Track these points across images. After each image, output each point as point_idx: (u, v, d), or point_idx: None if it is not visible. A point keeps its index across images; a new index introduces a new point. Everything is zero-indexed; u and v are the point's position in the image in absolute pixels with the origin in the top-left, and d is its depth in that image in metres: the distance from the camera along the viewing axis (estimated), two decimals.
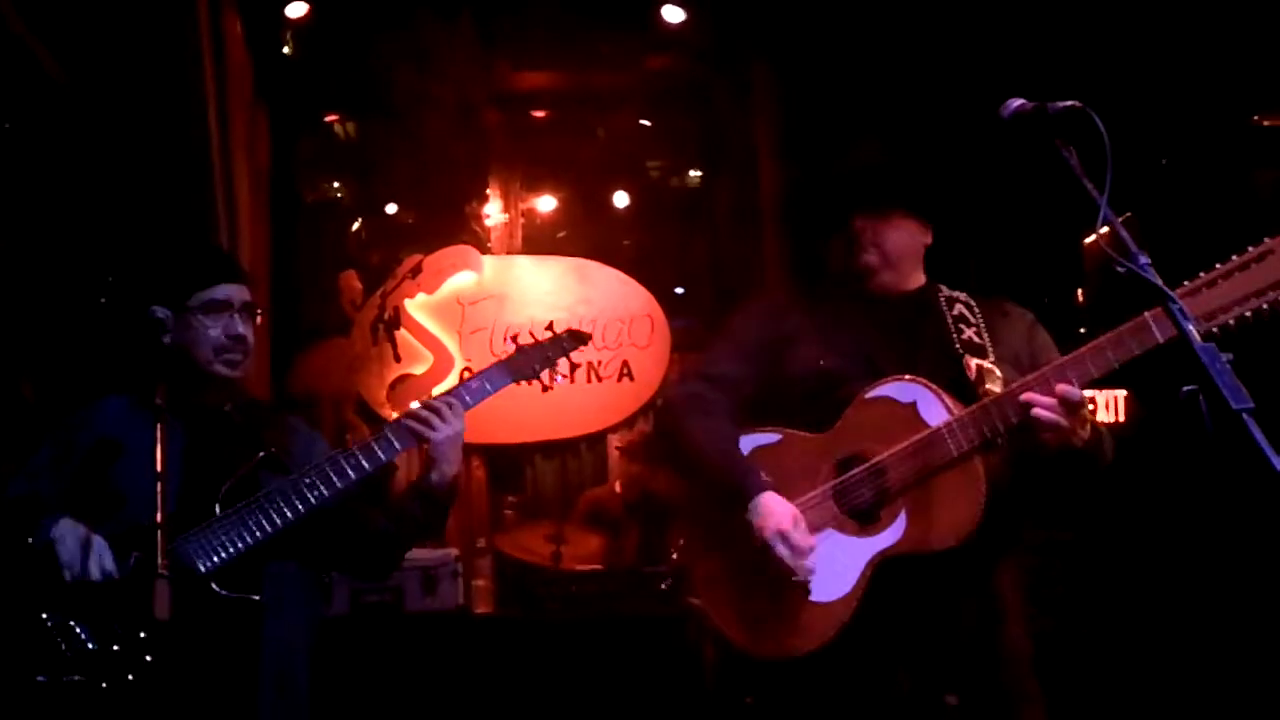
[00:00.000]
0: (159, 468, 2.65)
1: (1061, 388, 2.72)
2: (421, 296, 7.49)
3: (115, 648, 2.68)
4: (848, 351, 3.10)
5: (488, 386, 3.22)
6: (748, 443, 3.11)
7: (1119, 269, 2.44)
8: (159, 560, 2.51)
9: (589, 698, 5.22)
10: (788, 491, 2.97)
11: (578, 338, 3.35)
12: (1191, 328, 2.15)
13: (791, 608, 2.92)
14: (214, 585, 2.79)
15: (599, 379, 7.56)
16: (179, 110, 5.55)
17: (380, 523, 3.15)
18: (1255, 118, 6.40)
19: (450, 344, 7.46)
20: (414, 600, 5.46)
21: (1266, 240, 2.60)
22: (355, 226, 8.06)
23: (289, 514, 2.89)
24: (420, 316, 7.48)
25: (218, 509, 2.86)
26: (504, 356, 3.31)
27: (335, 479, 2.94)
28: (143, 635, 2.69)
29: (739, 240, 7.79)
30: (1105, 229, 2.37)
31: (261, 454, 2.97)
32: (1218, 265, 2.60)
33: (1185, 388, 2.08)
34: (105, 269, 5.06)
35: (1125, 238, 2.43)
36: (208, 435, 3.02)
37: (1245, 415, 1.99)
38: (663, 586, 5.60)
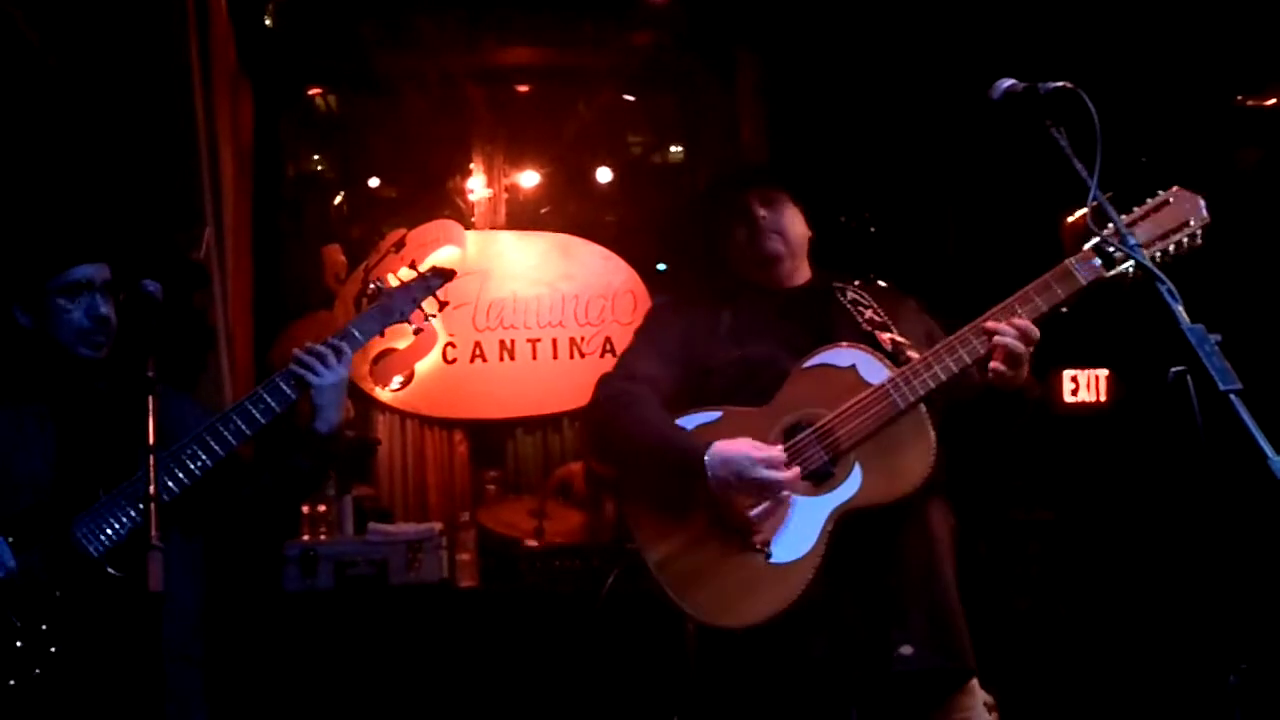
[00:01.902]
0: (150, 440, 2.63)
1: (1020, 321, 2.89)
2: (405, 271, 7.46)
3: (19, 644, 2.69)
4: (764, 338, 3.18)
5: (358, 334, 3.21)
6: (689, 422, 3.12)
7: (1106, 248, 2.48)
8: (151, 532, 2.50)
9: (571, 670, 5.24)
10: None
11: (441, 274, 3.37)
12: (1179, 308, 2.17)
13: (754, 574, 2.95)
14: (107, 567, 2.78)
15: (582, 355, 7.56)
16: (163, 81, 5.51)
17: (260, 479, 3.14)
18: (1238, 98, 6.44)
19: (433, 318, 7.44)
20: (398, 574, 5.48)
21: (1160, 192, 2.88)
22: (338, 200, 8.04)
23: (174, 487, 2.89)
24: None
25: (102, 492, 2.86)
26: (372, 304, 3.31)
27: (217, 447, 2.94)
28: (44, 628, 2.70)
29: None
30: (1087, 208, 2.40)
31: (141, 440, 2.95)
32: (1122, 215, 2.71)
33: (1174, 369, 2.11)
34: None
35: (1113, 217, 2.46)
36: (81, 418, 3.00)
37: (1233, 396, 2.01)
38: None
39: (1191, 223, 2.82)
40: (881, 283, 3.41)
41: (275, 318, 7.30)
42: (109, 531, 2.82)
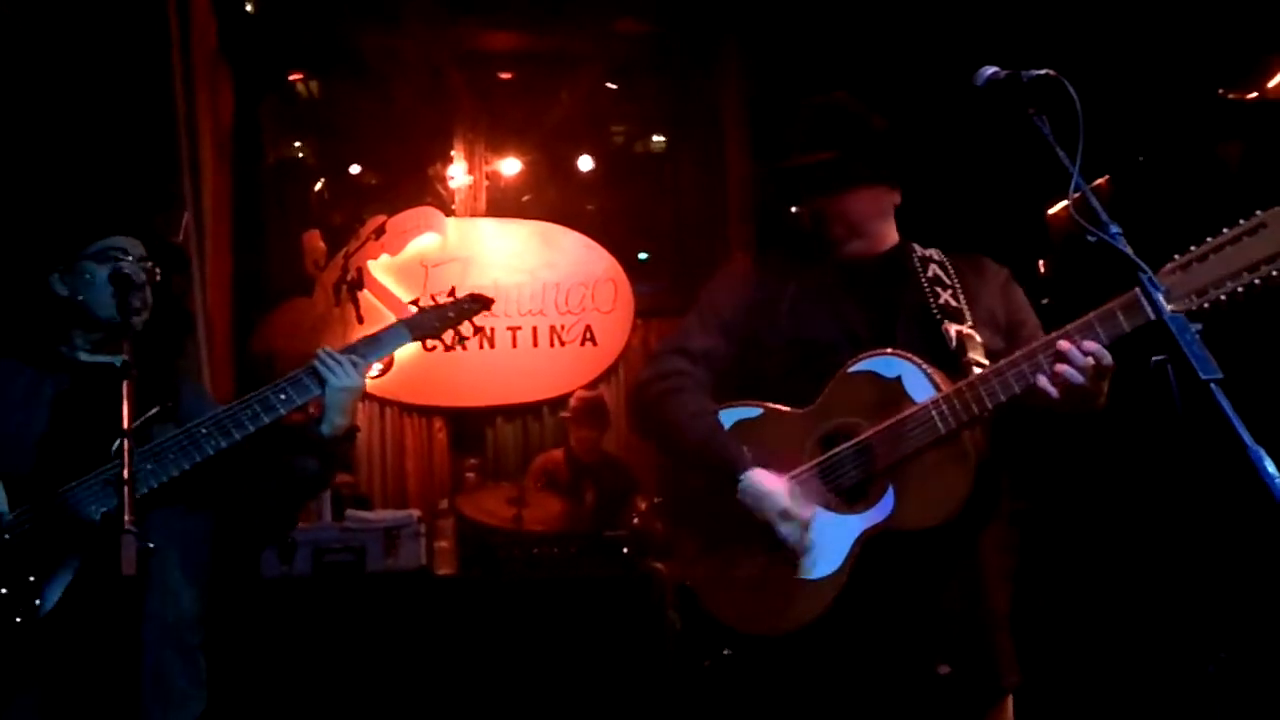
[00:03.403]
0: (125, 424, 2.62)
1: (1093, 346, 2.61)
2: (385, 258, 7.47)
3: (3, 590, 2.68)
4: (824, 321, 3.04)
5: (389, 343, 3.21)
6: (728, 417, 3.04)
7: (1090, 238, 2.44)
8: (126, 516, 2.49)
9: (550, 658, 5.24)
10: (772, 468, 2.93)
11: (479, 301, 3.34)
12: (1160, 297, 2.17)
13: (781, 585, 2.89)
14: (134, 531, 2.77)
15: (562, 343, 7.56)
16: (142, 63, 5.49)
17: (271, 478, 3.13)
18: (1220, 91, 6.45)
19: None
20: (375, 560, 5.46)
21: (1259, 213, 2.50)
22: (318, 186, 8.02)
23: (184, 463, 2.88)
24: (383, 278, 7.46)
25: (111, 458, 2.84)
26: (406, 315, 3.29)
27: (233, 431, 2.93)
28: (31, 579, 2.69)
29: (703, 206, 7.81)
30: (1072, 199, 2.38)
31: (156, 408, 2.95)
32: (1208, 239, 2.50)
33: (1155, 358, 2.10)
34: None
35: (1097, 207, 2.44)
36: (97, 389, 2.97)
37: (1213, 385, 2.00)
38: (625, 551, 5.64)
39: None
40: (976, 256, 3.17)
41: (254, 303, 7.28)
42: (113, 499, 2.81)
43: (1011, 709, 3.05)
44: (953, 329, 2.95)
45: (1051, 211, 6.88)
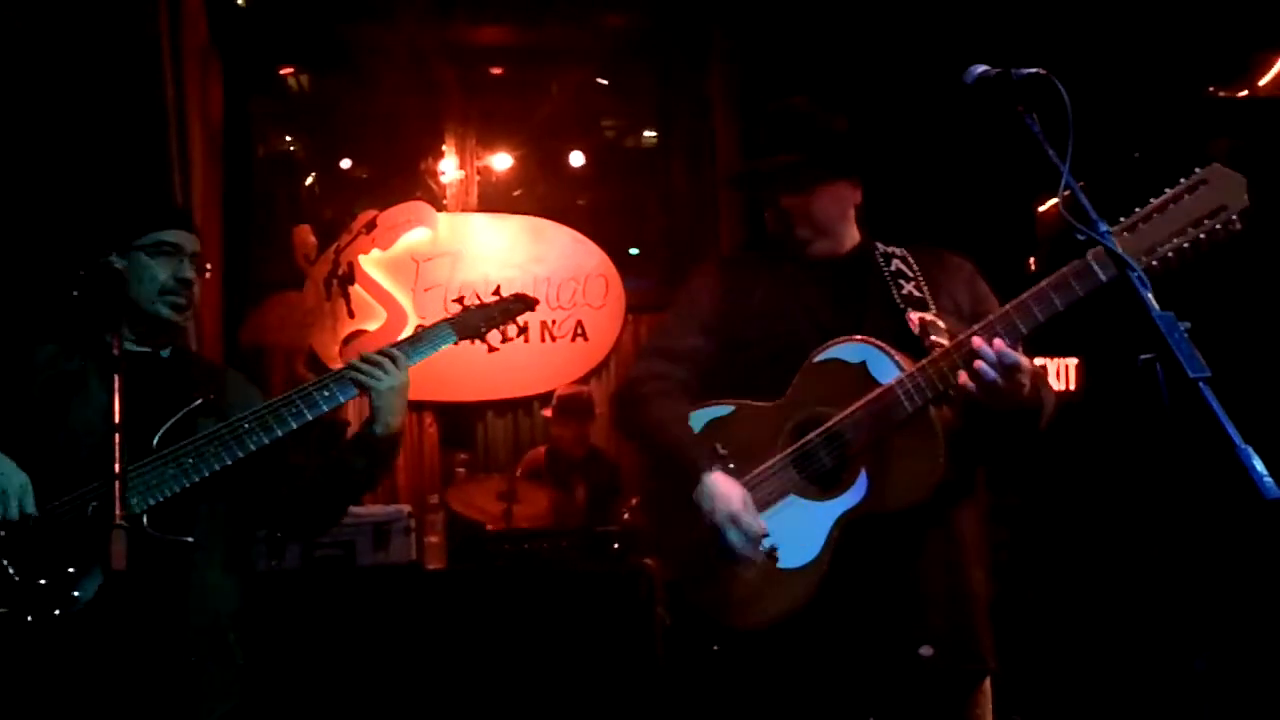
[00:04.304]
0: (116, 419, 2.63)
1: (998, 344, 2.72)
2: (376, 252, 7.46)
3: (42, 582, 2.67)
4: (794, 317, 3.11)
5: (433, 342, 3.22)
6: (701, 416, 3.10)
7: (1079, 236, 2.46)
8: (115, 510, 2.49)
9: (540, 652, 5.25)
10: (747, 462, 2.98)
11: (523, 301, 3.36)
12: (1150, 296, 2.17)
13: (762, 576, 2.93)
14: (146, 524, 2.77)
15: (553, 338, 7.57)
16: (131, 56, 5.48)
17: (319, 475, 3.14)
18: (1210, 89, 6.47)
19: (404, 300, 7.44)
20: (365, 555, 5.46)
21: (1198, 170, 2.61)
22: (309, 181, 8.01)
23: (226, 458, 2.87)
24: (374, 272, 7.45)
25: (155, 449, 2.84)
26: (451, 315, 3.30)
27: (275, 426, 2.93)
28: (70, 571, 2.69)
29: (693, 201, 7.81)
30: (1062, 197, 2.38)
31: (200, 400, 2.95)
32: (1151, 200, 2.60)
33: (1142, 356, 2.10)
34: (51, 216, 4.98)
35: (1086, 205, 2.46)
36: (141, 379, 2.97)
37: (1201, 383, 2.01)
38: (615, 547, 5.64)
39: (1230, 206, 2.58)
40: (939, 249, 3.25)
41: (244, 297, 7.27)
42: (156, 493, 2.80)
43: (990, 693, 3.08)
44: (915, 316, 3.01)
45: (1041, 209, 6.90)
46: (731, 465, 3.00)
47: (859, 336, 2.96)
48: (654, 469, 3.23)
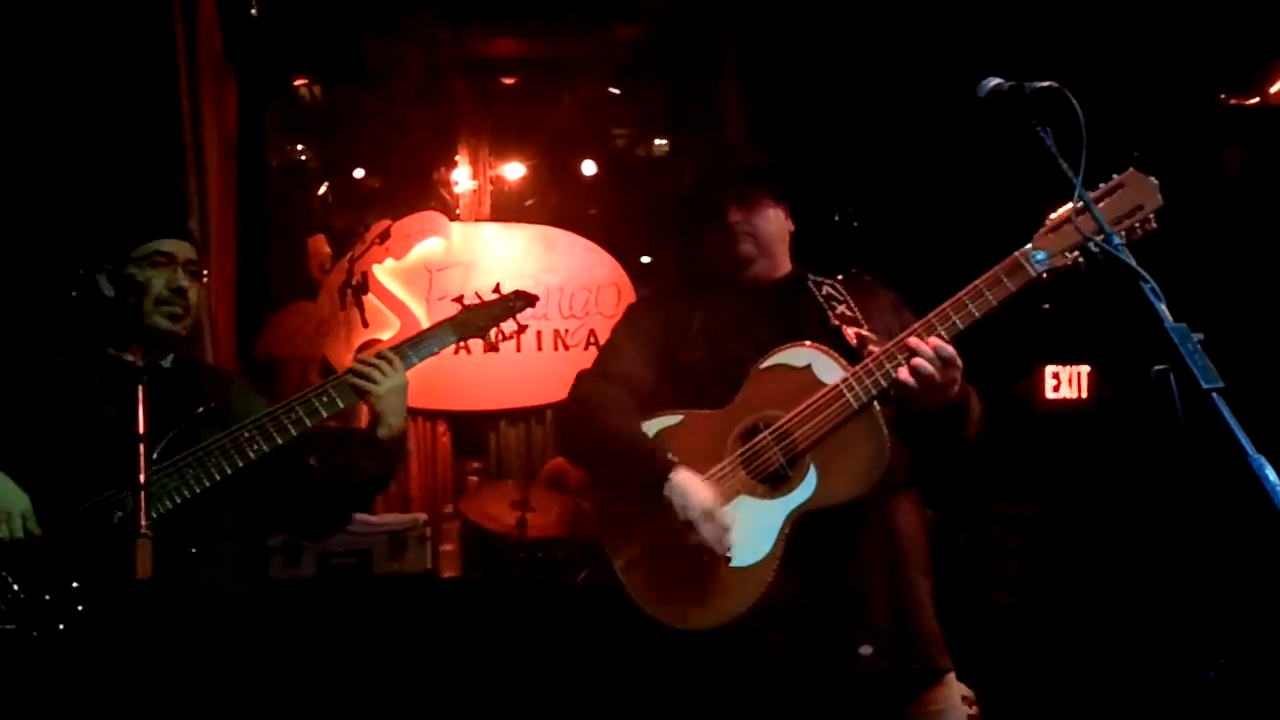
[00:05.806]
0: (141, 429, 2.65)
1: (934, 341, 2.87)
2: (390, 262, 7.49)
3: (46, 597, 2.69)
4: (735, 338, 3.22)
5: (434, 342, 3.23)
6: (651, 427, 3.16)
7: (1092, 247, 2.49)
8: (141, 521, 2.52)
9: (554, 662, 5.26)
10: (697, 468, 3.04)
11: (524, 298, 3.38)
12: (1163, 308, 2.19)
13: (714, 577, 2.98)
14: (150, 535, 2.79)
15: (566, 347, 7.58)
16: (148, 68, 5.51)
17: (329, 477, 3.16)
18: (1222, 97, 6.47)
19: (417, 310, 7.46)
20: (381, 564, 5.48)
21: (1115, 176, 2.81)
22: (322, 191, 8.04)
23: (228, 467, 2.91)
24: (388, 282, 7.48)
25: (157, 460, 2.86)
26: (451, 315, 3.31)
27: (276, 434, 2.96)
28: (75, 585, 2.71)
29: None
30: (1070, 206, 2.42)
31: (201, 409, 2.97)
32: (1070, 204, 2.67)
33: (1156, 367, 2.12)
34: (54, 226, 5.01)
35: (1098, 217, 2.48)
36: (144, 390, 3.00)
37: (1215, 394, 2.03)
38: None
39: (1146, 206, 2.76)
40: (863, 275, 3.42)
41: (258, 307, 7.30)
42: (159, 503, 2.82)
43: (957, 692, 3.13)
44: (851, 331, 3.14)
45: (1051, 217, 6.90)
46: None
47: (805, 342, 3.08)
48: (599, 485, 3.30)
